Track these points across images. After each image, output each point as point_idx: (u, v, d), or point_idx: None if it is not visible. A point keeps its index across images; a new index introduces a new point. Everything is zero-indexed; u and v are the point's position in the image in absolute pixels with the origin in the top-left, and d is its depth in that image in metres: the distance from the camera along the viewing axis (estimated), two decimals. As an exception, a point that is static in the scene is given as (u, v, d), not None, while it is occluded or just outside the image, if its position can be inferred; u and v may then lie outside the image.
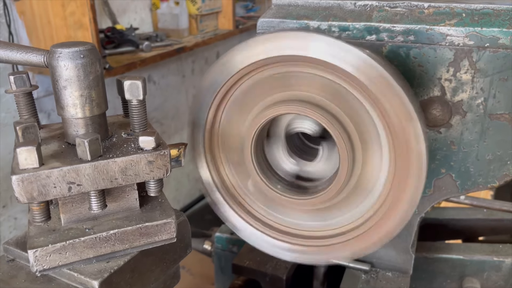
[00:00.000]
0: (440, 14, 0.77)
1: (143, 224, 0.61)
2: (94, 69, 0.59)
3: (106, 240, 0.60)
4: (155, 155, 0.59)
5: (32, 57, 0.60)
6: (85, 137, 0.56)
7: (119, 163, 0.58)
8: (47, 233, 0.59)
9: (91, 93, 0.60)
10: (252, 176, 0.74)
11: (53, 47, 0.58)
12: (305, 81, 0.69)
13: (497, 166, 0.79)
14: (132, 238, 0.61)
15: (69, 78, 0.58)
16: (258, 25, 0.86)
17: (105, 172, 0.57)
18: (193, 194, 3.82)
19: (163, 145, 0.60)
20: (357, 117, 0.67)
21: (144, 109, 0.62)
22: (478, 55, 0.74)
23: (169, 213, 0.63)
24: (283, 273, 0.97)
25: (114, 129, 0.67)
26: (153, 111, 3.24)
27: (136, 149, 0.60)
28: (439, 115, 0.79)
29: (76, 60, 0.57)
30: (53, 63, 0.58)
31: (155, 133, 0.59)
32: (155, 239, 0.62)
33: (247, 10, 3.97)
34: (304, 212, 0.76)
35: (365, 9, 0.82)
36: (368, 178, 0.70)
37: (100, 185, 0.58)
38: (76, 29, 1.97)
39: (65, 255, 0.58)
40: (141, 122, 0.62)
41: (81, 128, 0.61)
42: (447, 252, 1.03)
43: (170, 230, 0.63)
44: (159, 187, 0.63)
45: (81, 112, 0.60)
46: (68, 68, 0.57)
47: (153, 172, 0.60)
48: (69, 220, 0.61)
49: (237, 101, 0.74)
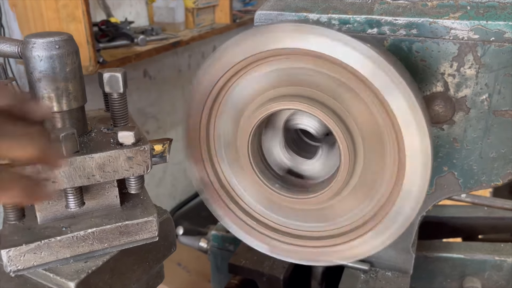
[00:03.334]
0: (444, 7, 0.74)
1: (123, 222, 0.59)
2: (71, 60, 0.56)
3: (83, 239, 0.57)
4: (135, 150, 0.57)
5: (5, 48, 0.57)
6: (60, 132, 0.53)
7: (97, 159, 0.55)
8: (22, 232, 0.57)
9: (68, 85, 0.57)
10: (248, 174, 0.72)
11: (27, 37, 0.55)
12: (305, 76, 0.66)
13: (501, 164, 0.77)
14: (111, 237, 0.59)
15: (44, 70, 0.55)
16: (256, 17, 0.84)
17: (82, 168, 0.55)
18: (189, 191, 3.79)
19: (144, 140, 0.58)
20: (358, 113, 0.65)
21: (124, 102, 0.60)
22: (483, 50, 0.72)
23: (150, 211, 0.61)
24: (281, 272, 0.95)
25: (94, 123, 0.64)
26: (149, 106, 3.20)
27: (115, 144, 0.58)
28: (442, 112, 0.77)
29: (51, 51, 0.55)
30: (27, 54, 0.55)
31: (135, 128, 0.57)
32: (136, 238, 0.60)
33: (245, 4, 3.93)
34: (303, 212, 0.74)
35: (366, 1, 0.79)
36: (370, 177, 0.68)
37: (77, 182, 0.55)
38: (69, 22, 1.93)
39: (40, 254, 0.56)
40: (122, 116, 0.60)
41: (58, 123, 0.59)
42: (448, 251, 1.02)
43: (152, 229, 0.60)
44: (140, 184, 0.60)
45: (57, 105, 0.57)
46: (43, 59, 0.55)
47: (133, 168, 0.57)
48: (46, 219, 0.59)
49: (233, 96, 0.71)
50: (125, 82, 0.58)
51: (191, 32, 3.08)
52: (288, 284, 0.97)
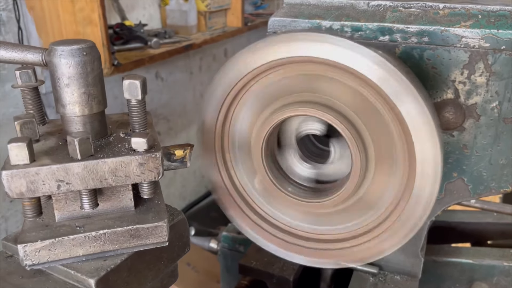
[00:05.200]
0: (456, 15, 0.76)
1: (133, 226, 0.61)
2: (96, 66, 0.59)
3: (95, 240, 0.59)
4: (147, 157, 0.58)
5: (28, 56, 0.60)
6: (76, 136, 0.55)
7: (109, 164, 0.57)
8: (39, 228, 0.60)
9: (93, 90, 0.59)
10: (262, 177, 0.74)
11: (53, 45, 0.58)
12: (320, 84, 0.68)
13: (510, 170, 0.78)
14: (122, 239, 0.60)
15: (73, 75, 0.58)
16: (269, 24, 0.85)
17: (95, 172, 0.57)
18: (199, 191, 3.82)
19: (157, 147, 0.59)
20: (370, 120, 0.66)
21: (143, 109, 0.61)
22: (494, 58, 0.73)
23: (161, 216, 0.62)
24: (290, 274, 0.96)
25: (115, 128, 0.66)
26: (160, 107, 3.23)
27: (128, 150, 0.59)
28: (452, 118, 0.78)
29: (79, 58, 0.57)
30: (55, 61, 0.57)
31: (148, 135, 0.59)
32: (146, 242, 0.62)
33: (256, 7, 3.95)
34: (315, 215, 0.75)
35: (378, 9, 0.81)
36: (382, 179, 0.69)
37: (90, 184, 0.57)
38: (85, 25, 1.97)
39: (54, 251, 0.58)
40: (140, 122, 0.61)
41: (81, 126, 0.61)
42: (456, 256, 1.02)
43: (162, 233, 0.62)
44: (152, 189, 0.62)
45: (82, 110, 0.60)
46: (72, 65, 0.57)
47: (144, 174, 0.59)
48: (63, 217, 0.61)
49: (248, 101, 0.73)
50: (144, 89, 0.60)
51: (203, 35, 3.11)
52: (298, 285, 0.98)
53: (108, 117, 0.68)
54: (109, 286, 0.58)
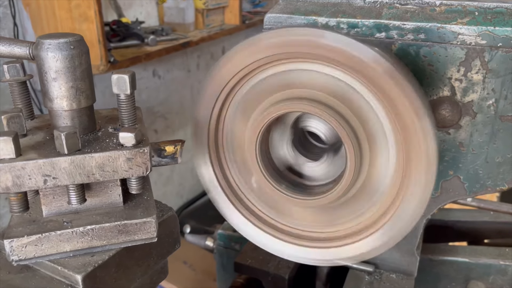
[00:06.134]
0: (452, 12, 0.75)
1: (121, 221, 0.60)
2: (84, 60, 0.58)
3: (83, 235, 0.59)
4: (135, 152, 0.57)
5: (16, 49, 0.59)
6: (63, 131, 0.55)
7: (97, 159, 0.56)
8: (26, 224, 0.59)
9: (81, 84, 0.59)
10: (256, 175, 0.73)
11: (40, 38, 0.57)
12: (313, 79, 0.67)
13: (507, 169, 0.77)
14: (110, 235, 0.60)
15: (60, 69, 0.57)
16: (265, 20, 0.85)
17: (82, 166, 0.56)
18: (196, 189, 3.82)
19: (145, 142, 0.59)
20: (364, 117, 0.66)
21: (132, 104, 0.60)
22: (490, 55, 0.72)
23: (150, 212, 0.62)
24: (286, 272, 0.96)
25: (104, 122, 0.66)
26: (158, 105, 3.23)
27: (116, 145, 0.58)
28: (448, 116, 0.78)
29: (66, 51, 0.56)
30: (42, 55, 0.57)
31: (137, 130, 0.58)
32: (134, 238, 0.61)
33: (254, 5, 3.94)
34: (309, 213, 0.75)
35: (374, 6, 0.80)
36: (375, 179, 0.69)
37: (77, 179, 0.57)
38: (81, 21, 1.96)
39: (41, 247, 0.57)
40: (129, 117, 0.61)
41: (69, 121, 0.60)
42: (453, 254, 1.02)
43: (150, 229, 0.61)
44: (140, 185, 0.61)
45: (70, 104, 0.59)
46: (59, 59, 0.56)
47: (132, 169, 0.58)
48: (50, 212, 0.61)
49: (242, 98, 0.72)
50: (132, 84, 0.59)
51: (201, 32, 3.10)
52: (293, 284, 0.98)
53: (98, 112, 0.68)
54: (96, 282, 0.58)
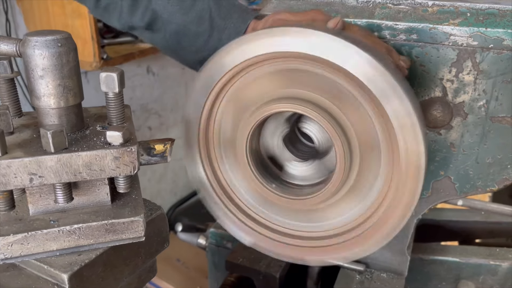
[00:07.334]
0: (444, 13, 0.75)
1: (109, 220, 0.59)
2: (72, 58, 0.58)
3: (69, 234, 0.58)
4: (122, 151, 0.57)
5: (2, 46, 0.58)
6: (50, 129, 0.54)
7: (83, 157, 0.56)
8: (13, 222, 0.58)
9: (68, 82, 0.58)
10: (246, 174, 0.73)
11: (27, 36, 0.56)
12: (305, 79, 0.67)
13: (497, 169, 0.78)
14: (97, 234, 0.59)
15: (47, 67, 0.56)
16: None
17: (69, 165, 0.55)
18: (190, 187, 3.80)
19: (133, 141, 0.58)
20: (355, 118, 0.66)
21: (121, 102, 0.60)
22: (482, 56, 0.72)
23: (138, 211, 0.61)
24: (277, 271, 0.96)
25: (92, 121, 0.65)
26: (152, 102, 3.21)
27: (104, 143, 0.58)
28: (440, 116, 0.78)
29: (53, 49, 0.56)
30: (29, 52, 0.56)
31: (124, 128, 0.57)
32: (122, 237, 0.60)
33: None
34: (299, 212, 0.75)
35: (367, 5, 0.80)
36: (365, 179, 0.69)
37: (64, 178, 0.56)
38: (74, 17, 1.94)
39: (27, 246, 0.57)
40: (117, 115, 0.60)
41: (57, 119, 0.59)
42: (443, 254, 1.02)
43: (138, 228, 0.60)
44: (128, 184, 0.61)
45: (57, 102, 0.58)
46: (46, 57, 0.56)
47: (120, 168, 0.58)
48: (37, 211, 0.60)
49: (232, 97, 0.72)
50: (121, 82, 0.58)
51: (196, 29, 3.08)
52: (284, 283, 0.98)
53: (86, 110, 0.67)
54: (83, 281, 0.57)
